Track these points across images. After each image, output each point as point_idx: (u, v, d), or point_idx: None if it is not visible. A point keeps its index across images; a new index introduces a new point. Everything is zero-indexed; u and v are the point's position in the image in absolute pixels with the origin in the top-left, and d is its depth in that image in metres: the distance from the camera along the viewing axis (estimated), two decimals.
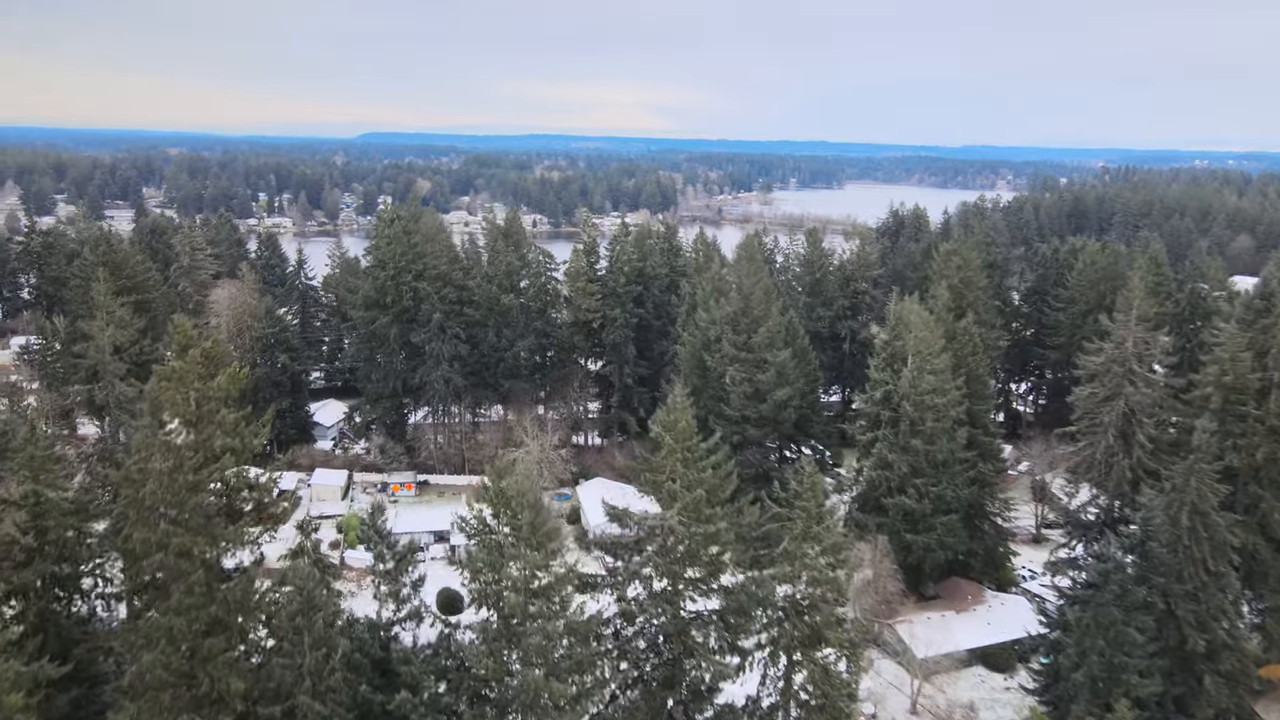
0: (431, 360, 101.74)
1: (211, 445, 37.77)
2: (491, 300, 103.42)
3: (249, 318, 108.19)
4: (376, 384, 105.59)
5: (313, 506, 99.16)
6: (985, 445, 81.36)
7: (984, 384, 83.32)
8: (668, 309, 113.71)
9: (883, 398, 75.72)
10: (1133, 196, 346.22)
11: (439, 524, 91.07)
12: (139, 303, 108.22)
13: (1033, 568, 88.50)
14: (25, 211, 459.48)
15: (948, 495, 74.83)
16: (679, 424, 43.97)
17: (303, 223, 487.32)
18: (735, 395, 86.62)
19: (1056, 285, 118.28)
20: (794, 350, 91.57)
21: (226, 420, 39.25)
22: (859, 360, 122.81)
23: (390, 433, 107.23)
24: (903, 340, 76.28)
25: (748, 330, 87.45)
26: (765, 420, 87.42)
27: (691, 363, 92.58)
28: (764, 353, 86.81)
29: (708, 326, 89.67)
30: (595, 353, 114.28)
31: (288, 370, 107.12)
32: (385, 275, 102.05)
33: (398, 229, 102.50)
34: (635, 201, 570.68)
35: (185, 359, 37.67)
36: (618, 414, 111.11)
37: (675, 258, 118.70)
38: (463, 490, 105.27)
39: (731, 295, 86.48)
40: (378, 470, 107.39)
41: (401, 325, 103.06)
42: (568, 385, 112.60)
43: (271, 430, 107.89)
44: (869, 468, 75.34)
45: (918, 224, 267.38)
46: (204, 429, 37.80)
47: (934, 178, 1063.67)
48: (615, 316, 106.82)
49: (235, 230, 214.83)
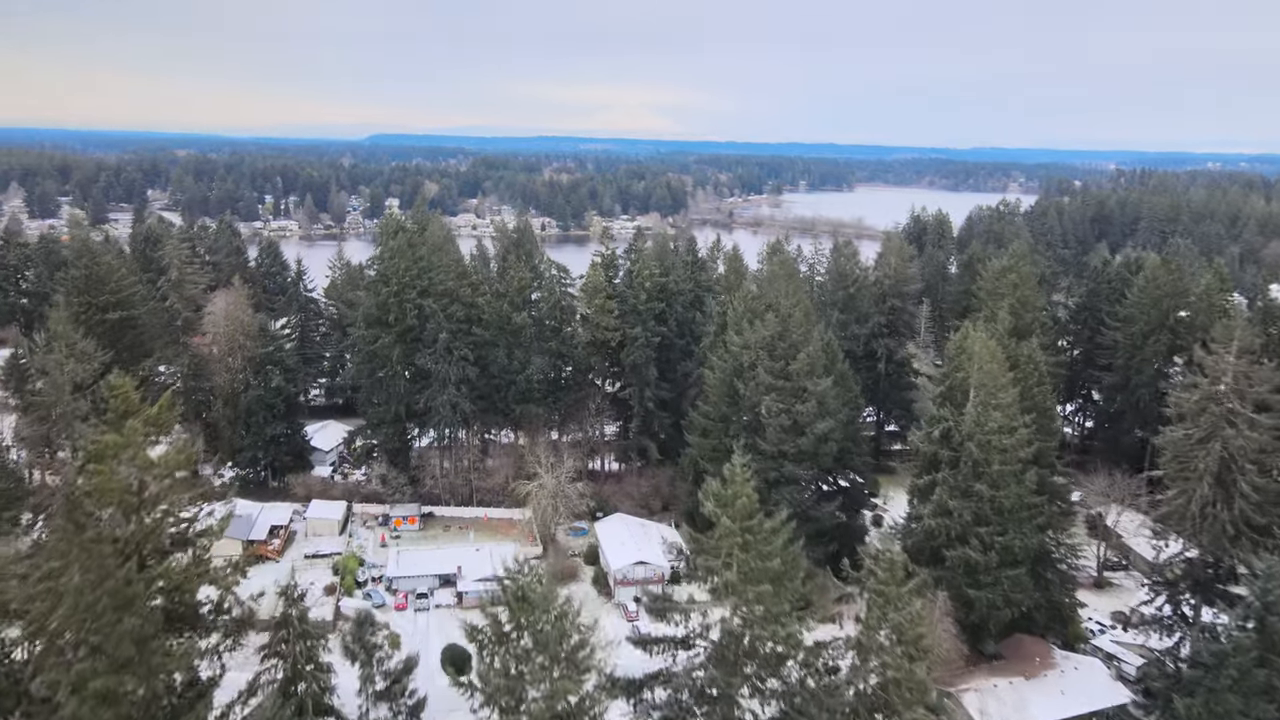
0: (437, 383, 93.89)
1: (159, 538, 29.87)
2: (502, 319, 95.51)
3: (241, 335, 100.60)
4: (378, 408, 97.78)
5: (307, 543, 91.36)
6: (1054, 487, 73.07)
7: (1050, 417, 75.05)
8: (691, 327, 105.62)
9: (942, 436, 67.49)
10: (1159, 202, 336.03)
11: (445, 565, 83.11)
12: (122, 321, 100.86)
13: (1099, 619, 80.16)
14: (28, 214, 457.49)
15: (1015, 546, 66.57)
16: (738, 500, 35.96)
17: (309, 226, 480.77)
18: (771, 428, 78.48)
19: (1110, 301, 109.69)
20: (835, 376, 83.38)
21: (179, 502, 31.31)
22: (895, 380, 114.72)
23: (393, 460, 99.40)
24: (963, 371, 68.07)
25: (785, 356, 79.33)
26: (804, 455, 79.25)
27: (721, 389, 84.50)
28: (804, 381, 78.67)
29: (740, 351, 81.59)
30: (613, 374, 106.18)
31: (282, 392, 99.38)
32: (388, 291, 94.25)
33: (401, 241, 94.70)
34: (645, 204, 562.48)
35: (124, 431, 29.76)
36: (637, 440, 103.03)
37: (699, 271, 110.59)
38: (470, 524, 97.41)
39: (768, 318, 78.29)
40: (379, 500, 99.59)
41: (405, 345, 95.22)
42: (583, 409, 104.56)
43: (266, 455, 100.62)
44: (928, 515, 67.08)
45: (940, 230, 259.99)
46: (148, 518, 29.90)
47: (945, 180, 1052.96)
48: (635, 335, 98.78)
49: (236, 236, 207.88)
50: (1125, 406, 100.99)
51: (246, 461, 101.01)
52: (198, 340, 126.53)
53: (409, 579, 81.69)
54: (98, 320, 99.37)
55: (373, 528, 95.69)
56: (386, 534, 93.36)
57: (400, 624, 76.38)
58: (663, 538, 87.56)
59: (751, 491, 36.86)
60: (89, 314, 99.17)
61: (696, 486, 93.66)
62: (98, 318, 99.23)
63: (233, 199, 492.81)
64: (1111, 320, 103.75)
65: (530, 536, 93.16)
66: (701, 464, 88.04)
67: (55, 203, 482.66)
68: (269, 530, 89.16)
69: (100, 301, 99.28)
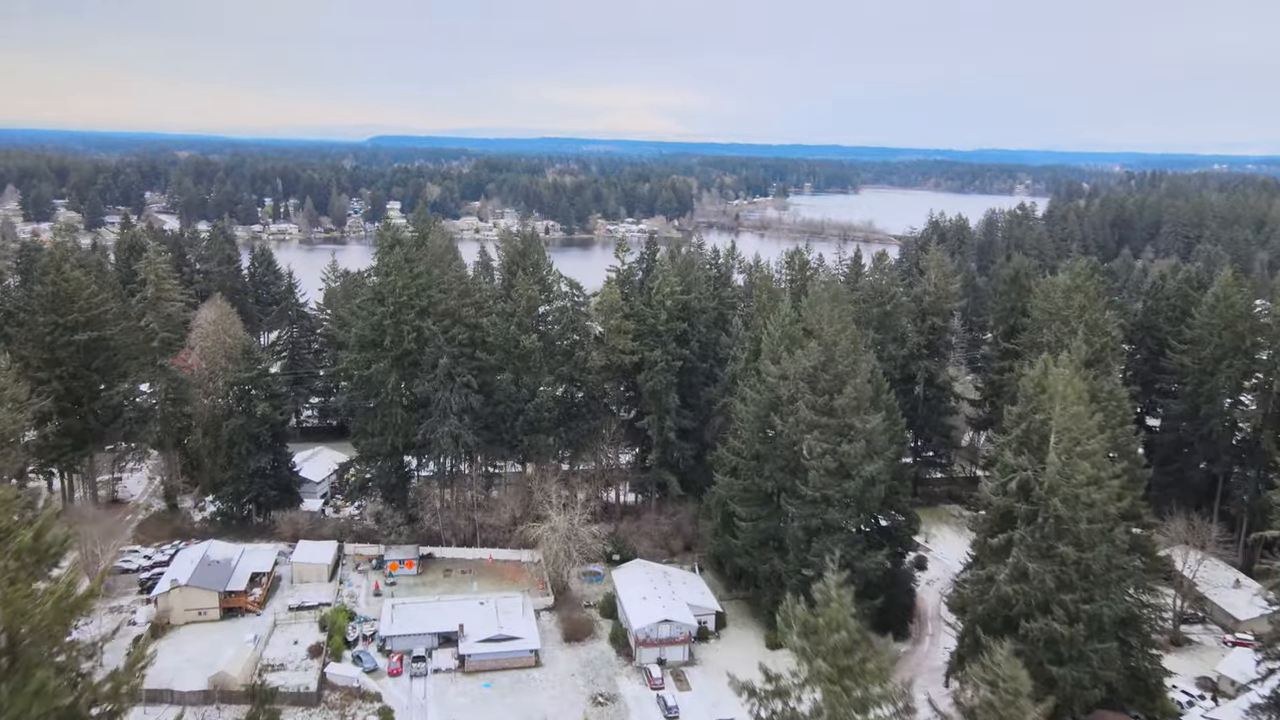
0: (438, 412, 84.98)
1: None
2: (509, 342, 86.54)
3: (223, 357, 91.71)
4: (372, 439, 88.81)
5: (292, 591, 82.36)
6: (1143, 543, 63.99)
7: (1135, 461, 65.94)
8: (715, 349, 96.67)
9: (1019, 489, 58.39)
10: (1181, 206, 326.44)
11: (445, 622, 73.98)
12: (92, 342, 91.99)
13: (1184, 686, 70.95)
14: (23, 217, 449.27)
15: (1104, 615, 57.60)
16: (834, 634, 26.70)
17: (309, 229, 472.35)
18: (814, 470, 69.45)
19: (1171, 320, 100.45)
20: (884, 410, 74.38)
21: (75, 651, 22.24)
22: (934, 405, 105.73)
23: (388, 497, 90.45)
24: (1042, 413, 58.98)
25: (829, 389, 70.30)
26: (850, 501, 70.25)
27: (755, 425, 75.50)
28: (850, 417, 69.64)
29: (778, 383, 72.55)
30: (629, 398, 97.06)
31: (268, 420, 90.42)
32: (383, 311, 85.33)
33: (398, 256, 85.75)
34: (650, 207, 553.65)
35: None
36: (656, 473, 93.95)
37: (723, 287, 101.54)
38: (473, 567, 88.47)
39: (810, 346, 69.22)
40: (373, 539, 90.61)
41: (402, 370, 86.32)
42: (597, 438, 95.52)
43: (250, 489, 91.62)
44: (1003, 580, 57.96)
45: (960, 235, 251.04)
46: (19, 684, 20.88)
47: (951, 182, 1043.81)
48: (655, 359, 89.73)
49: (230, 243, 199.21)
50: (1192, 438, 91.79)
51: (228, 496, 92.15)
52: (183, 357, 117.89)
53: (405, 638, 72.66)
54: (65, 341, 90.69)
55: (365, 572, 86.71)
56: (381, 580, 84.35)
57: (394, 694, 67.39)
58: (687, 595, 78.69)
59: (851, 621, 27.64)
60: (55, 334, 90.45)
61: (725, 531, 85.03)
62: (65, 338, 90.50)
63: (232, 202, 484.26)
64: (1177, 343, 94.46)
65: (540, 584, 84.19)
66: (730, 506, 79.20)
67: (51, 205, 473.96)
68: (249, 578, 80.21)
69: (68, 321, 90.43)
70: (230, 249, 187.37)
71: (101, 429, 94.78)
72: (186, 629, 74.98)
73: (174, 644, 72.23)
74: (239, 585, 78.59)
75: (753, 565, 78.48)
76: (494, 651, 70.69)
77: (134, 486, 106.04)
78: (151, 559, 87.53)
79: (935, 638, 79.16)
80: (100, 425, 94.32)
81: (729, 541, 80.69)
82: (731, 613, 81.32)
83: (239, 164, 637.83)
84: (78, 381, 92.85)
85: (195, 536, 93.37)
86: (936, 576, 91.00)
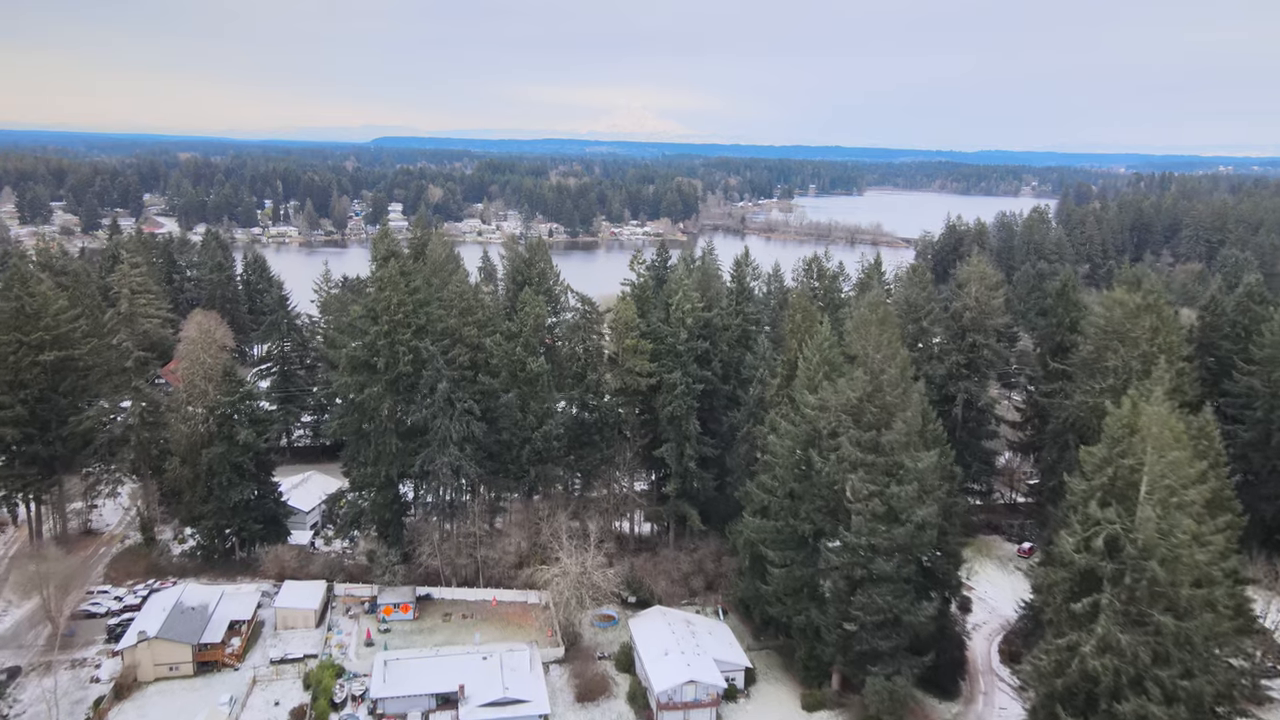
0: (436, 442, 77.15)
1: None
2: (515, 365, 78.71)
3: (202, 379, 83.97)
4: (364, 469, 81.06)
5: (275, 640, 74.54)
6: (1243, 604, 56.05)
7: (1233, 509, 57.91)
8: (739, 369, 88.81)
9: (1106, 546, 50.48)
10: (1201, 209, 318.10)
11: (444, 681, 66.07)
12: (60, 362, 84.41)
13: None
14: (19, 219, 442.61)
15: (1205, 692, 49.74)
16: None
17: (309, 232, 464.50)
18: (860, 515, 61.56)
19: (1234, 339, 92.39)
20: (937, 447, 66.43)
21: None
22: (974, 429, 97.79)
23: (382, 532, 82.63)
24: (1131, 458, 51.06)
25: (876, 423, 62.40)
26: (898, 548, 62.32)
27: (790, 461, 67.56)
28: (900, 455, 61.73)
29: (817, 415, 64.62)
30: (645, 422, 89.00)
31: (251, 448, 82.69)
32: (377, 331, 77.55)
33: (393, 270, 77.95)
34: (655, 210, 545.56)
35: None
36: (675, 505, 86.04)
37: (746, 302, 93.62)
38: (475, 610, 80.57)
39: (856, 376, 61.28)
40: (365, 578, 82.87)
41: (397, 395, 78.56)
42: (610, 467, 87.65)
43: (232, 523, 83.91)
44: (1089, 653, 50.03)
45: (980, 239, 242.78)
46: None
47: (956, 183, 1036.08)
48: (675, 382, 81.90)
49: (223, 249, 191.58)
50: (1264, 469, 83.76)
51: (208, 530, 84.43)
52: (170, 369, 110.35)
53: (399, 700, 64.84)
54: (30, 362, 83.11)
55: (357, 616, 78.88)
56: (373, 628, 76.50)
57: None
58: (713, 647, 70.75)
59: None
60: (19, 354, 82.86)
61: (754, 574, 76.84)
62: (29, 358, 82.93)
63: (231, 204, 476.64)
64: (1244, 363, 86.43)
65: (549, 632, 76.32)
66: (761, 549, 71.25)
67: (48, 208, 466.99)
68: (227, 627, 72.41)
69: (33, 340, 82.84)
70: (223, 255, 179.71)
71: (70, 456, 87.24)
72: (156, 687, 67.24)
73: (139, 707, 64.57)
74: (215, 636, 70.76)
75: (785, 614, 70.57)
76: (499, 718, 62.83)
77: (110, 515, 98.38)
78: (122, 601, 79.88)
79: (990, 696, 71.18)
80: (69, 452, 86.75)
81: (758, 586, 72.74)
82: (761, 664, 73.45)
83: (239, 166, 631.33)
84: (45, 405, 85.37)
85: (172, 574, 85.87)
86: (983, 620, 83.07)
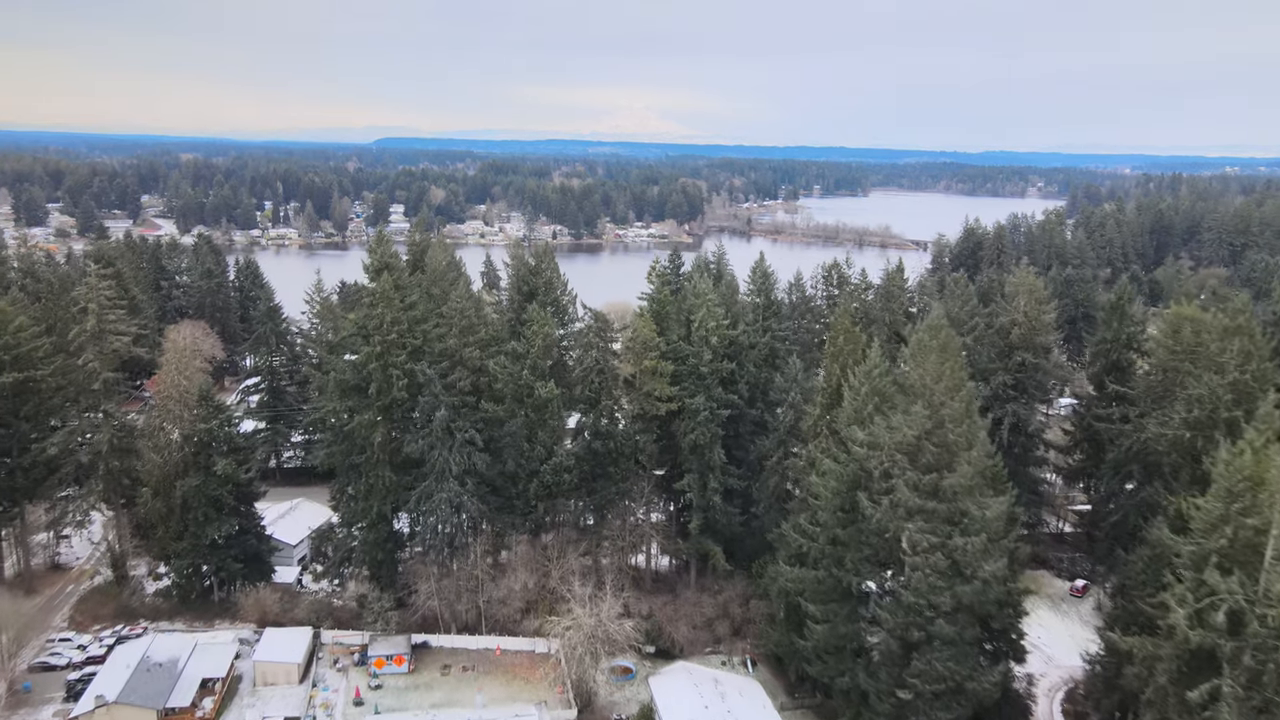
0: (434, 475, 69.38)
1: None
2: (521, 390, 70.81)
3: (175, 404, 76.19)
4: (355, 504, 73.31)
5: (253, 699, 66.64)
6: None
7: None
8: (765, 391, 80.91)
9: (1229, 621, 42.48)
10: (1225, 212, 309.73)
11: None
12: (20, 384, 76.64)
13: None
14: (14, 221, 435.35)
15: None
16: None
17: (309, 234, 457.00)
18: (919, 571, 53.60)
19: None
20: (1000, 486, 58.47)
21: None
22: (1022, 456, 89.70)
23: (374, 573, 74.82)
24: (1255, 517, 43.05)
25: (936, 464, 54.42)
26: (961, 608, 54.34)
27: (834, 503, 59.64)
28: (964, 501, 53.76)
29: (866, 454, 56.64)
30: (665, 450, 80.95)
31: (230, 480, 74.87)
32: (368, 352, 69.76)
33: (386, 284, 70.09)
34: (660, 211, 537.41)
35: None
36: (697, 542, 78.04)
37: (774, 318, 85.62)
38: (477, 661, 72.61)
39: (916, 412, 53.26)
40: (356, 624, 75.05)
41: (391, 424, 70.77)
42: (626, 500, 79.69)
43: (210, 562, 76.15)
44: None
45: (1000, 244, 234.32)
46: None
47: (961, 184, 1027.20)
48: (698, 407, 73.97)
49: (217, 254, 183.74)
50: None
51: (183, 570, 76.61)
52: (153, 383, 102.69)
53: None
54: None
55: (345, 670, 70.99)
56: (363, 684, 68.57)
57: None
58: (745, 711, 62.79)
59: None
60: None
61: (790, 627, 68.96)
62: None
63: (229, 206, 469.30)
64: None
65: (560, 689, 68.41)
66: (797, 600, 63.34)
67: (44, 209, 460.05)
68: (199, 686, 64.59)
69: None
70: (214, 261, 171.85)
71: (33, 486, 79.56)
72: None
73: None
74: (185, 697, 62.96)
75: (826, 674, 62.65)
76: None
77: (81, 548, 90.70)
78: (86, 651, 72.04)
79: None
80: (31, 483, 79.07)
81: (795, 641, 64.81)
82: None
83: (240, 167, 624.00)
84: (4, 430, 77.72)
85: (145, 616, 78.13)
86: (1040, 671, 74.80)
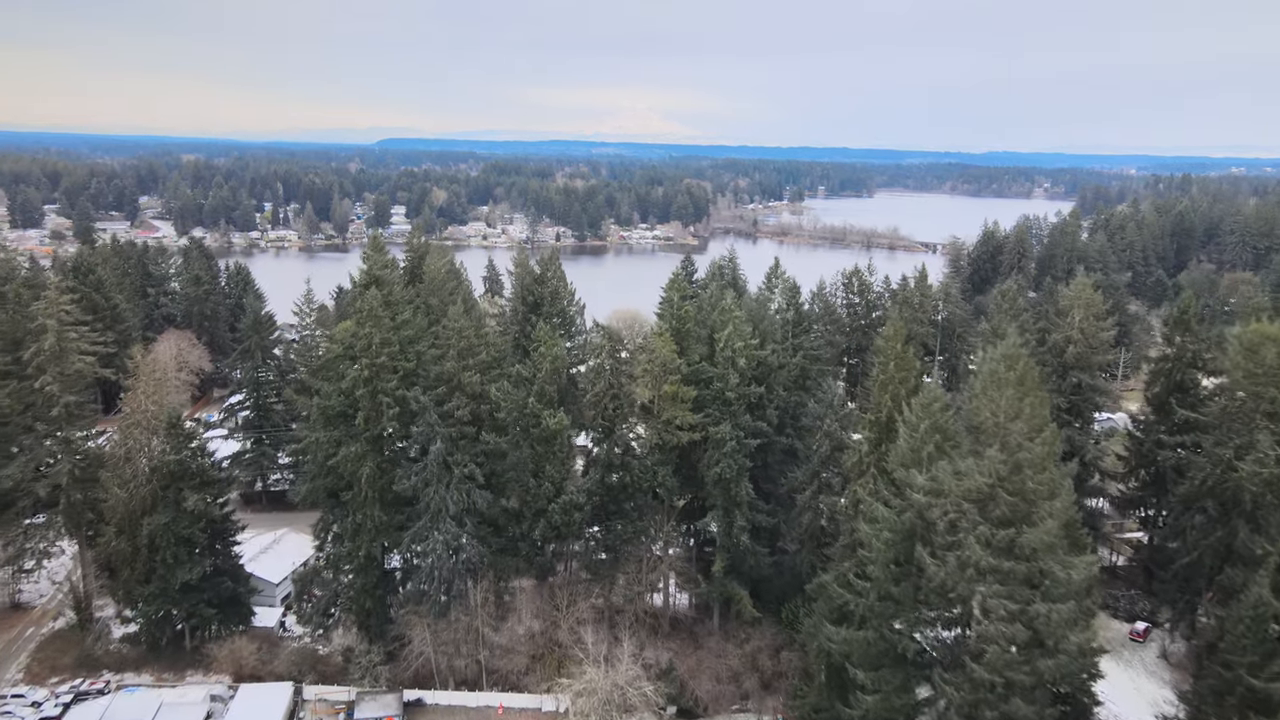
0: (429, 515, 61.70)
1: None
2: (527, 419, 63.05)
3: (141, 430, 68.54)
4: (341, 546, 65.60)
5: None
6: None
7: None
8: (795, 416, 73.16)
9: None
10: (1249, 214, 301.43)
11: None
12: None
13: None
14: (10, 223, 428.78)
15: None
16: None
17: (309, 236, 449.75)
18: (991, 641, 45.75)
19: None
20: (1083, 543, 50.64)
21: None
22: (1078, 486, 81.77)
23: (363, 623, 67.12)
24: None
25: (1013, 517, 46.56)
26: (1042, 684, 46.50)
27: (889, 555, 51.81)
28: (1047, 559, 45.90)
29: (927, 502, 48.79)
30: (686, 481, 73.06)
31: (203, 517, 67.24)
32: (355, 376, 62.06)
33: (373, 300, 62.36)
34: (665, 213, 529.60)
35: None
36: (722, 584, 70.22)
37: (803, 333, 77.81)
38: (477, 719, 65.01)
39: (990, 456, 45.34)
40: (342, 677, 67.35)
41: (380, 458, 63.03)
42: (643, 537, 71.88)
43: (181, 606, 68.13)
44: None
45: (1021, 248, 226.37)
46: None
47: (967, 185, 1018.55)
48: (723, 436, 66.16)
49: (208, 259, 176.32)
50: None
51: (151, 617, 68.96)
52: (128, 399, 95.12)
53: None
54: None
55: None
56: None
57: None
58: None
59: None
60: None
61: (832, 693, 61.26)
62: None
63: (229, 207, 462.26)
64: None
65: None
66: (842, 662, 55.55)
67: (40, 211, 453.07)
68: None
69: None
70: (204, 266, 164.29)
71: None
72: None
73: None
74: None
75: None
76: None
77: (46, 585, 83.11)
78: (40, 709, 64.49)
79: None
80: None
81: (837, 707, 56.98)
82: None
83: (240, 168, 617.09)
84: None
85: (109, 666, 70.53)
86: None
